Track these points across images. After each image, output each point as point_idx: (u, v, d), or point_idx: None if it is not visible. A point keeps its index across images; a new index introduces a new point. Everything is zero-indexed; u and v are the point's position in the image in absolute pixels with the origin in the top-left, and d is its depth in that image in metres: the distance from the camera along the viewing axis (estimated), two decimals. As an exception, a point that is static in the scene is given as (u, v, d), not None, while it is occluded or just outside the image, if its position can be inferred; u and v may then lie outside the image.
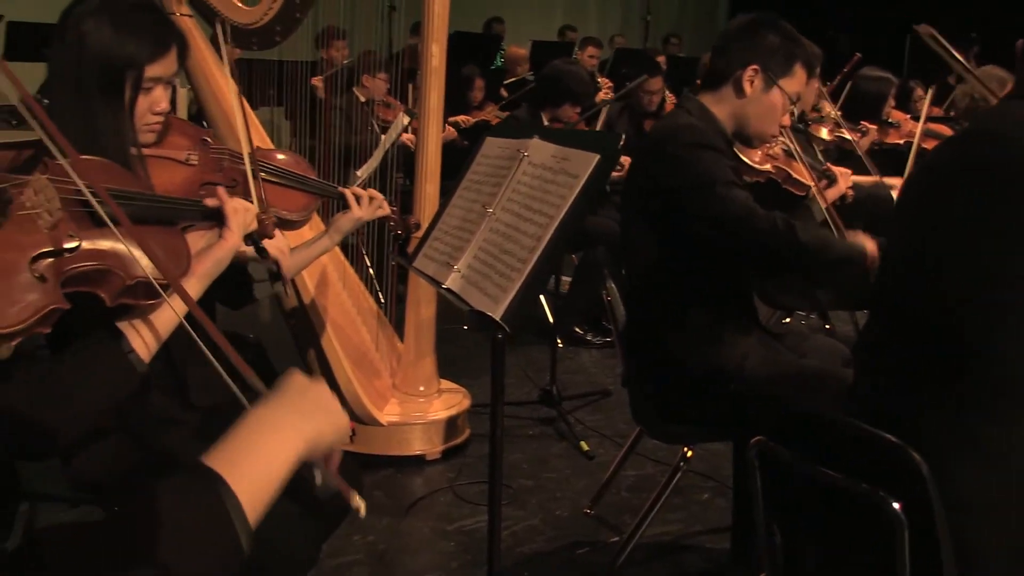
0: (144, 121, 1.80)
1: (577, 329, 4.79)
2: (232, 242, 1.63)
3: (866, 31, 9.75)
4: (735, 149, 2.46)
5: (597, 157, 1.59)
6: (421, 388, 3.48)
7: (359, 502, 0.99)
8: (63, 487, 1.84)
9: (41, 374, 1.33)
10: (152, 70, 1.76)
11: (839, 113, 4.09)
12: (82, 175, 1.22)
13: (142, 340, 1.42)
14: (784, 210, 2.15)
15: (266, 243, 1.77)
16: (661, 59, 8.47)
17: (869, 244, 2.21)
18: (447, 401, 3.50)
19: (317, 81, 5.49)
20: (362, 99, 5.30)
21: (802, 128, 3.56)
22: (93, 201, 1.23)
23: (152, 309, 1.43)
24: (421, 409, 3.42)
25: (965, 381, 1.40)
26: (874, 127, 4.33)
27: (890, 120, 4.56)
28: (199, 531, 0.87)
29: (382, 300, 3.73)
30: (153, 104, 1.80)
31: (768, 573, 1.52)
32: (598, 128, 5.23)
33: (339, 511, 2.06)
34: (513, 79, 7.40)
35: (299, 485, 1.87)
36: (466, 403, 3.50)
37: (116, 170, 1.54)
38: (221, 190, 1.70)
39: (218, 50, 3.80)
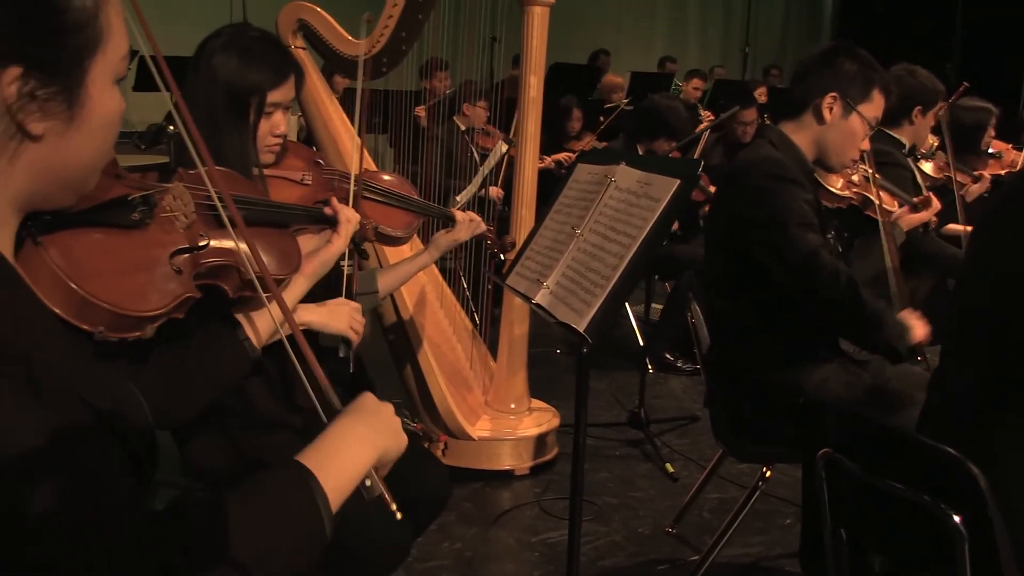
0: (265, 143, 1.98)
1: (668, 355, 4.85)
2: (338, 247, 1.82)
3: (978, 60, 9.56)
4: (816, 175, 2.52)
5: (678, 182, 1.69)
6: (512, 405, 3.59)
7: (396, 508, 1.11)
8: (176, 475, 2.02)
9: (172, 354, 1.50)
10: (273, 96, 1.95)
11: (936, 142, 4.05)
12: (213, 183, 1.39)
13: (255, 330, 1.59)
14: (865, 234, 2.20)
15: (342, 327, 1.93)
16: (762, 90, 8.48)
17: (919, 331, 2.24)
18: (537, 419, 3.60)
19: (420, 111, 5.70)
20: (462, 127, 5.48)
21: (906, 164, 3.54)
22: (219, 206, 1.40)
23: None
24: (511, 426, 3.53)
25: None
26: (989, 176, 4.23)
27: (991, 150, 4.49)
28: (294, 515, 1.01)
29: (477, 320, 3.86)
30: (273, 127, 1.99)
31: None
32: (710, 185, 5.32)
33: (431, 511, 2.19)
34: (609, 105, 7.51)
35: (393, 486, 2.02)
36: (555, 422, 3.60)
37: (240, 179, 1.73)
38: (335, 201, 1.88)
39: (329, 82, 4.03)
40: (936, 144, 4.13)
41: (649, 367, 4.69)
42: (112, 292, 1.17)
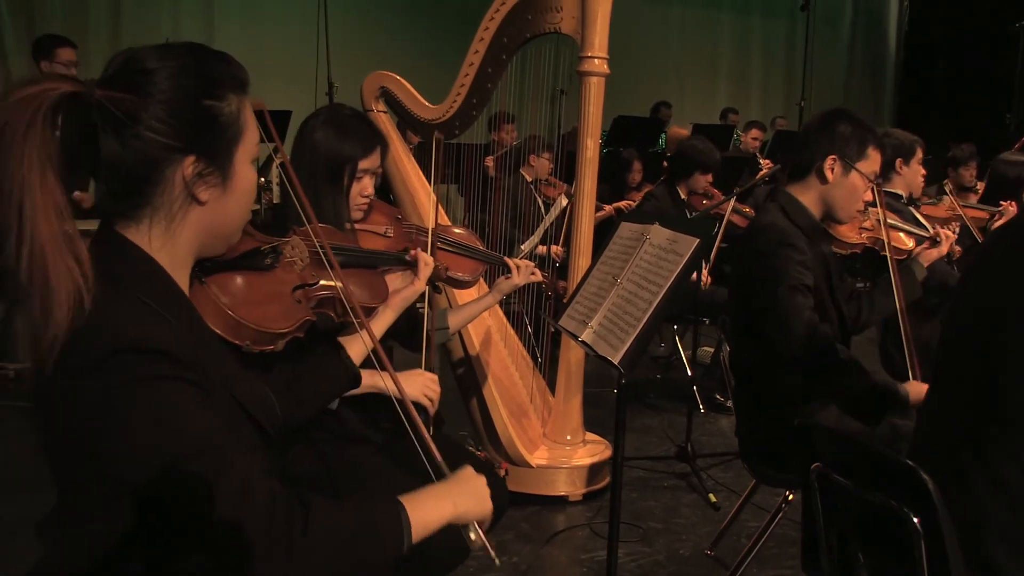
0: (355, 203, 2.38)
1: (718, 396, 5.13)
2: (418, 287, 2.22)
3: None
4: (828, 228, 2.82)
5: (697, 240, 2.02)
6: (568, 437, 3.90)
7: (496, 556, 1.53)
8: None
9: (291, 368, 1.86)
10: (363, 164, 2.35)
11: (953, 199, 4.33)
12: (316, 235, 1.81)
13: (355, 351, 1.95)
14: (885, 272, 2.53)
15: (415, 393, 2.31)
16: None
17: (915, 391, 2.51)
18: (591, 450, 3.92)
19: (489, 161, 6.11)
20: (528, 179, 5.86)
21: (907, 212, 3.84)
22: (321, 253, 1.80)
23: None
24: (567, 455, 3.85)
25: (995, 428, 1.72)
26: (1010, 205, 4.46)
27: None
28: (388, 530, 1.38)
29: (539, 359, 4.19)
30: (362, 190, 2.39)
31: (830, 573, 1.88)
32: (748, 208, 5.63)
33: (490, 520, 2.51)
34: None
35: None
36: (607, 453, 3.90)
37: (336, 232, 2.14)
38: (417, 250, 2.28)
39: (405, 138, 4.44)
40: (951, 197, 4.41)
41: (701, 407, 4.99)
42: (255, 316, 1.57)
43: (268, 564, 1.21)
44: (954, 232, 3.41)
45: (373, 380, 2.14)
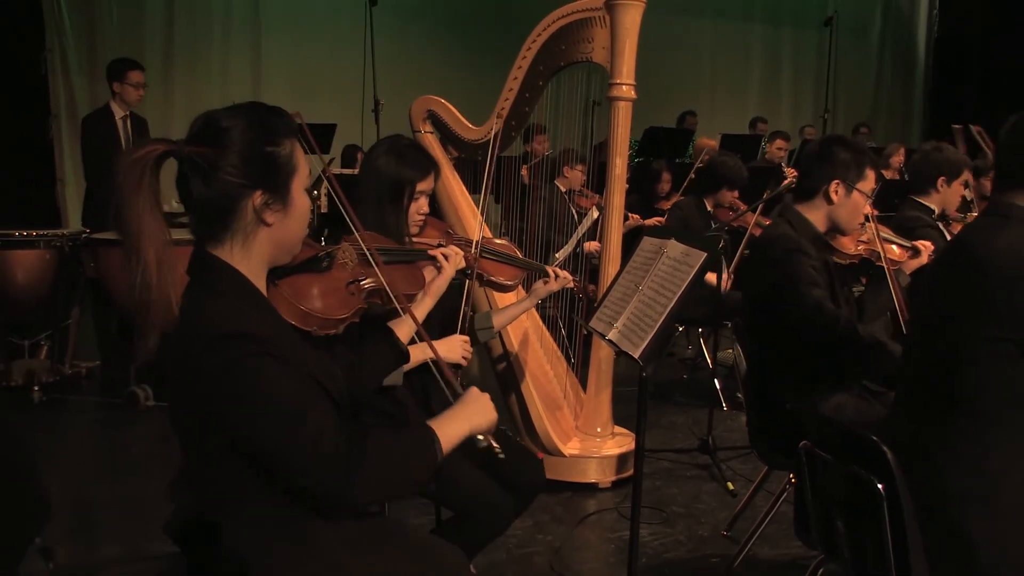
0: (413, 220, 2.77)
1: (739, 395, 5.45)
2: (447, 274, 2.62)
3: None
4: (831, 241, 3.15)
5: (705, 254, 2.38)
6: (598, 429, 4.26)
7: (498, 451, 1.91)
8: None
9: (351, 352, 2.20)
10: (420, 186, 2.74)
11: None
12: (364, 240, 2.23)
13: (404, 333, 2.27)
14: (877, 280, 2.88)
15: (455, 356, 2.69)
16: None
17: None
18: (619, 442, 4.27)
19: (525, 171, 6.47)
20: (563, 189, 6.22)
21: (934, 226, 4.13)
22: (368, 254, 2.22)
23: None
24: (597, 446, 4.20)
25: (953, 409, 2.05)
26: None
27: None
28: (424, 451, 1.77)
29: (572, 359, 4.55)
30: (418, 208, 2.77)
31: (816, 537, 2.23)
32: (770, 217, 5.94)
33: (530, 492, 2.86)
34: (700, 165, 8.13)
35: (501, 473, 2.69)
36: (634, 444, 4.23)
37: (379, 237, 2.56)
38: (440, 248, 2.67)
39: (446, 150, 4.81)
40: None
41: (724, 405, 5.34)
42: (319, 307, 1.99)
43: (346, 483, 1.62)
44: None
45: (424, 354, 2.48)
